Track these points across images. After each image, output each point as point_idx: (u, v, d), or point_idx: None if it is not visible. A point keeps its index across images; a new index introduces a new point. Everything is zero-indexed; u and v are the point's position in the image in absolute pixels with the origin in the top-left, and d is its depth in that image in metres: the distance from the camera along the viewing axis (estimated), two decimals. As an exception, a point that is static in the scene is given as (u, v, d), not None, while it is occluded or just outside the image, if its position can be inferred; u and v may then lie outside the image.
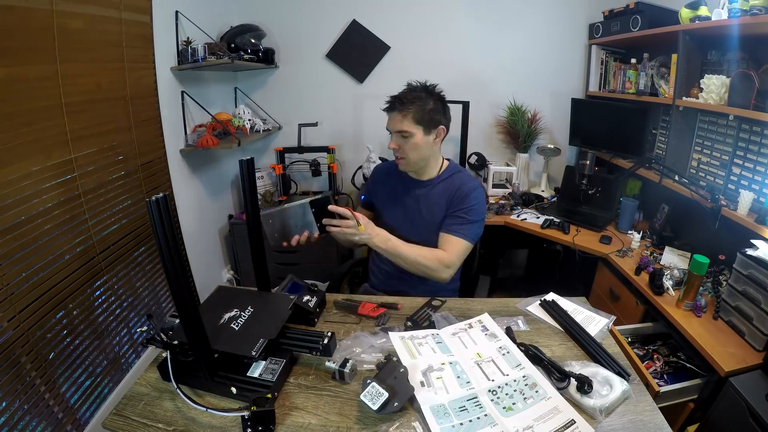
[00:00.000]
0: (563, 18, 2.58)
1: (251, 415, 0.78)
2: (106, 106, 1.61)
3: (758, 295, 1.30)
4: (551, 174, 2.77)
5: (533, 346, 0.98)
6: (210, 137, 2.06)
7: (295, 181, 2.81)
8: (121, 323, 1.68)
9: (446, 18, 2.61)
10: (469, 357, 0.96)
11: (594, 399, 0.84)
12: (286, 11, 2.61)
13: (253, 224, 1.11)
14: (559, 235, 2.14)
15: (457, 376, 0.91)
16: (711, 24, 1.61)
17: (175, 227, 0.71)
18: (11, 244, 1.23)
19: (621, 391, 0.85)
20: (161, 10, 1.89)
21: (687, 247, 1.86)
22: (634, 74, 2.24)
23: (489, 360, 0.95)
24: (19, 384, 1.24)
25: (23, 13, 1.24)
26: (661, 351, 1.55)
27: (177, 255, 0.77)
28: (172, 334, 0.93)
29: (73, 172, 1.45)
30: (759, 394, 1.15)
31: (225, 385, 0.88)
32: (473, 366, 0.94)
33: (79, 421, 1.46)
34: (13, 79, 1.23)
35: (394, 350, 0.99)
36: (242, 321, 0.99)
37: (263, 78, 2.75)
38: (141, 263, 1.82)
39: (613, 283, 1.92)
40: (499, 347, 0.98)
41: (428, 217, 1.42)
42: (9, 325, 1.21)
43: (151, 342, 0.91)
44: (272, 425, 0.81)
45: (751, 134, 1.58)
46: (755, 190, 1.55)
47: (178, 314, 0.82)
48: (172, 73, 2.01)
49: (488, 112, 2.78)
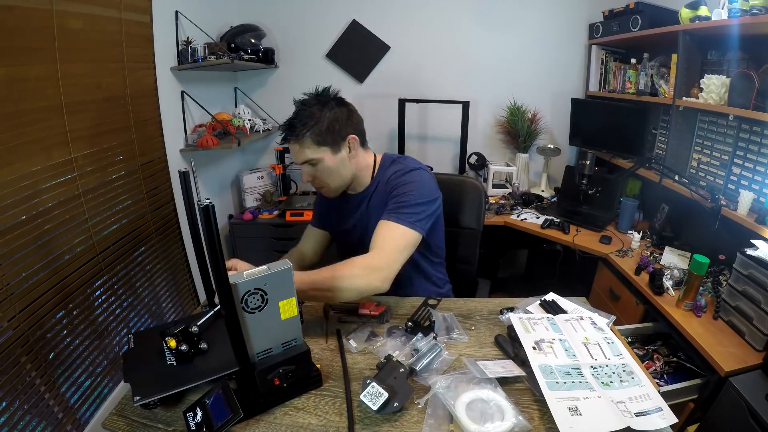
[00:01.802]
0: (563, 18, 2.58)
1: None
2: (106, 106, 1.61)
3: (758, 295, 1.30)
4: (551, 174, 2.78)
5: None
6: (210, 137, 2.06)
7: (295, 181, 2.81)
8: (121, 323, 1.68)
9: (446, 18, 2.61)
10: (578, 338, 1.03)
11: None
12: (286, 11, 2.61)
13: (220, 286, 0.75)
14: (559, 235, 2.14)
15: (565, 349, 0.99)
16: (711, 24, 1.61)
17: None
18: (11, 244, 1.23)
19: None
20: (161, 10, 1.89)
21: (687, 247, 1.86)
22: (634, 74, 2.24)
23: (595, 344, 1.02)
24: (19, 384, 1.24)
25: (23, 13, 1.24)
26: (661, 351, 1.55)
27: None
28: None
29: (73, 172, 1.45)
30: (759, 394, 1.15)
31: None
32: (580, 345, 1.01)
33: (79, 421, 1.46)
34: (13, 79, 1.23)
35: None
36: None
37: (263, 78, 2.75)
38: (141, 263, 1.82)
39: (613, 283, 1.92)
40: (605, 337, 1.04)
41: (374, 223, 1.21)
42: (9, 325, 1.21)
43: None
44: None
45: (751, 134, 1.58)
46: (755, 190, 1.55)
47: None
48: (172, 73, 2.01)
49: (488, 112, 2.78)
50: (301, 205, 2.53)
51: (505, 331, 1.11)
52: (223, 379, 0.86)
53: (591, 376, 0.92)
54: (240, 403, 0.79)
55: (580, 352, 0.99)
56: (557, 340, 1.02)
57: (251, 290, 0.78)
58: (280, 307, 0.83)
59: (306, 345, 0.90)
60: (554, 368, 0.93)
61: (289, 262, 0.83)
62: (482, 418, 0.81)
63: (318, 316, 1.17)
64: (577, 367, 0.94)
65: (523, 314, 1.12)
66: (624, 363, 0.96)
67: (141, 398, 0.80)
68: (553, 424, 0.78)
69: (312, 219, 1.47)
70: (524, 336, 1.01)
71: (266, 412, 0.86)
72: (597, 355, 0.99)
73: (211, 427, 0.77)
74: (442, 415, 0.83)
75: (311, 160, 1.15)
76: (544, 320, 1.09)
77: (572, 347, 1.00)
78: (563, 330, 1.06)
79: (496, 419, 0.80)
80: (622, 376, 0.92)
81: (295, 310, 0.86)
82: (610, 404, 0.84)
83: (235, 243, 2.54)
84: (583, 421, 0.80)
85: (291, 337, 0.88)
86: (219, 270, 0.72)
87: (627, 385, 0.90)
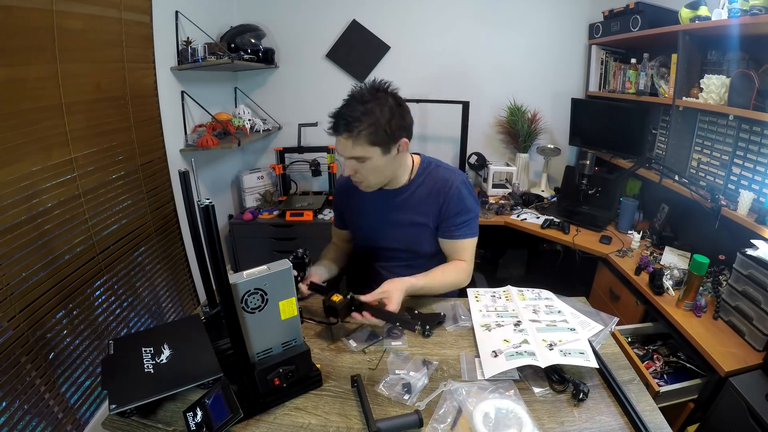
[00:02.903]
0: (563, 18, 2.58)
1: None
2: (106, 106, 1.61)
3: (758, 295, 1.30)
4: (551, 174, 2.77)
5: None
6: (210, 137, 2.06)
7: (295, 181, 2.82)
8: (121, 323, 1.68)
9: (446, 18, 2.61)
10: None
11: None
12: (286, 11, 2.61)
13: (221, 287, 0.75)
14: (559, 235, 2.14)
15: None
16: (711, 24, 1.61)
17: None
18: (11, 244, 1.23)
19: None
20: (161, 10, 1.89)
21: (687, 247, 1.86)
22: (634, 74, 2.24)
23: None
24: (19, 384, 1.24)
25: (23, 13, 1.24)
26: (661, 351, 1.55)
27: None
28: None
29: (73, 172, 1.45)
30: (759, 394, 1.15)
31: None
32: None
33: (79, 421, 1.46)
34: (13, 79, 1.23)
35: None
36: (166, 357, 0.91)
37: (263, 78, 2.75)
38: (141, 263, 1.82)
39: (613, 283, 1.92)
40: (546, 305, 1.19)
41: (414, 221, 1.30)
42: (9, 325, 1.21)
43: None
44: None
45: (751, 134, 1.58)
46: (755, 190, 1.55)
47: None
48: (172, 73, 2.01)
49: (488, 112, 2.78)
50: (301, 205, 2.53)
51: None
52: (206, 383, 0.85)
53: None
54: (240, 403, 0.79)
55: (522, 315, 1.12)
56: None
57: (251, 290, 0.78)
58: (280, 307, 0.84)
59: (306, 345, 0.90)
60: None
61: (288, 262, 0.83)
62: (497, 427, 0.79)
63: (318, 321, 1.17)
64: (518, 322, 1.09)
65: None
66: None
67: (117, 406, 0.79)
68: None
69: (335, 218, 1.51)
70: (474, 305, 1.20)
71: (266, 412, 0.86)
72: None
73: (211, 427, 0.77)
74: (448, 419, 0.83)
75: (360, 158, 1.14)
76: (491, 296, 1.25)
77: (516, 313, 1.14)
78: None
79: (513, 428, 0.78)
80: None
81: (295, 310, 0.86)
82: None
83: (235, 243, 2.54)
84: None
85: (291, 337, 0.88)
86: (219, 270, 0.72)
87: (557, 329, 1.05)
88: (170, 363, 0.90)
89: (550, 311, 1.14)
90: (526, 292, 1.24)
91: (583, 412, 0.85)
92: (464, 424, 0.81)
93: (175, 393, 0.85)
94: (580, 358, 0.94)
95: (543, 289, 1.25)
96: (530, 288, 1.27)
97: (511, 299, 1.22)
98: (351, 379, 0.92)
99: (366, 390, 0.89)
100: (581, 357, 0.94)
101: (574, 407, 0.86)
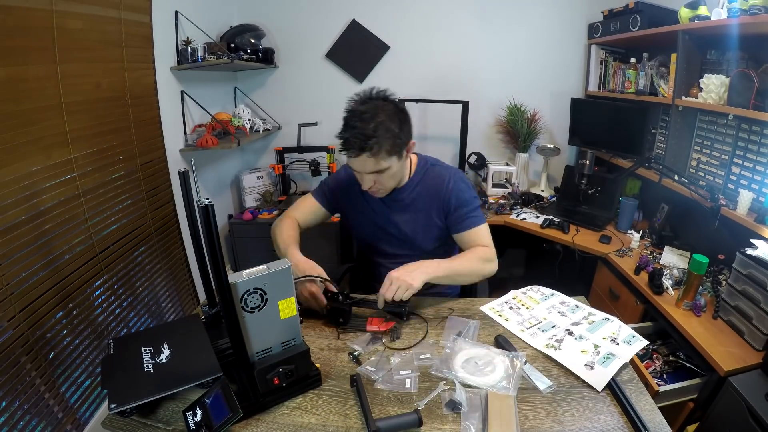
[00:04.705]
0: (563, 18, 2.58)
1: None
2: (106, 106, 1.61)
3: (758, 295, 1.30)
4: (551, 174, 2.78)
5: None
6: (210, 137, 2.06)
7: (295, 181, 2.82)
8: (121, 323, 1.68)
9: (446, 18, 2.61)
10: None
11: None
12: (286, 11, 2.61)
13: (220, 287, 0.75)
14: (559, 235, 2.14)
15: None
16: (710, 24, 1.61)
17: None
18: (11, 244, 1.23)
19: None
20: (161, 10, 1.89)
21: (686, 246, 1.86)
22: (634, 74, 2.24)
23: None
24: (19, 384, 1.24)
25: (23, 14, 1.24)
26: (661, 350, 1.55)
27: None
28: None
29: (73, 172, 1.45)
30: (759, 393, 1.15)
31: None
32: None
33: (79, 421, 1.46)
34: (13, 79, 1.23)
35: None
36: (167, 356, 0.91)
37: (263, 78, 2.75)
38: (141, 263, 1.82)
39: (612, 283, 1.92)
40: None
41: (414, 218, 1.34)
42: (9, 325, 1.21)
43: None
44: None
45: (751, 134, 1.58)
46: (755, 190, 1.55)
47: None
48: (172, 73, 2.01)
49: (488, 111, 2.78)
50: (301, 204, 2.53)
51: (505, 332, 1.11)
52: (206, 383, 0.85)
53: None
54: (239, 402, 0.79)
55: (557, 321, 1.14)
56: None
57: (250, 290, 0.78)
58: (279, 307, 0.84)
59: (305, 344, 0.90)
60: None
61: (288, 261, 0.83)
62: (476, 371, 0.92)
63: (318, 319, 1.17)
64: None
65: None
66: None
67: (117, 406, 0.79)
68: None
69: (319, 196, 1.45)
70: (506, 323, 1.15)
71: (265, 411, 0.86)
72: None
73: (211, 426, 0.77)
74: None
75: (382, 170, 1.17)
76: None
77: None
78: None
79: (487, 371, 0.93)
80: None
81: (294, 310, 0.86)
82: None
83: (235, 243, 2.54)
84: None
85: (290, 337, 0.88)
86: (218, 269, 0.72)
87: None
88: (170, 362, 0.90)
89: (573, 309, 1.18)
90: (533, 294, 1.27)
91: (583, 412, 0.85)
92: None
93: (175, 392, 0.85)
94: (636, 341, 1.03)
95: (533, 285, 1.30)
96: (528, 287, 1.30)
97: (528, 305, 1.22)
98: (350, 379, 0.92)
99: (365, 389, 0.89)
100: (635, 339, 1.03)
101: (574, 407, 0.86)
